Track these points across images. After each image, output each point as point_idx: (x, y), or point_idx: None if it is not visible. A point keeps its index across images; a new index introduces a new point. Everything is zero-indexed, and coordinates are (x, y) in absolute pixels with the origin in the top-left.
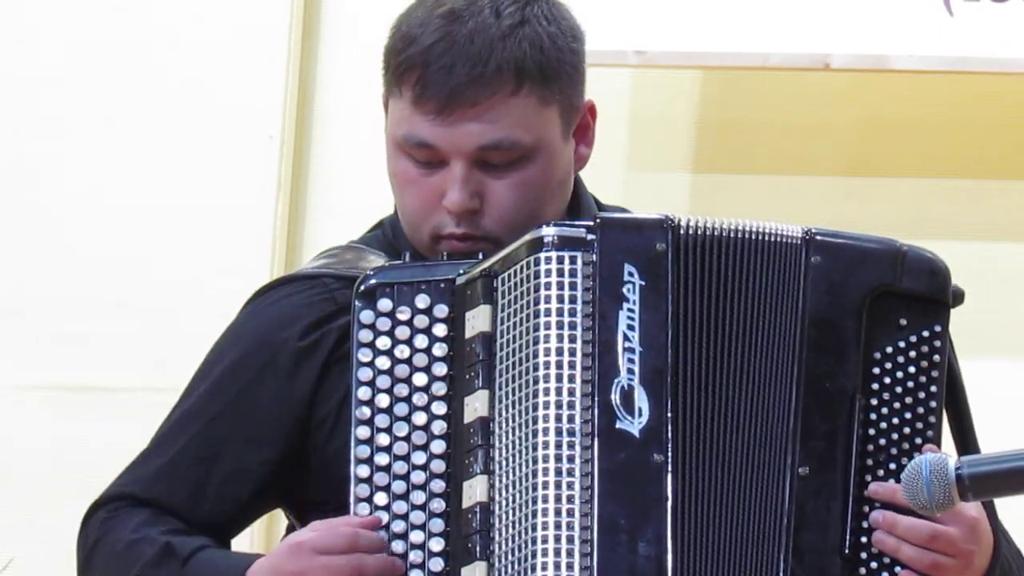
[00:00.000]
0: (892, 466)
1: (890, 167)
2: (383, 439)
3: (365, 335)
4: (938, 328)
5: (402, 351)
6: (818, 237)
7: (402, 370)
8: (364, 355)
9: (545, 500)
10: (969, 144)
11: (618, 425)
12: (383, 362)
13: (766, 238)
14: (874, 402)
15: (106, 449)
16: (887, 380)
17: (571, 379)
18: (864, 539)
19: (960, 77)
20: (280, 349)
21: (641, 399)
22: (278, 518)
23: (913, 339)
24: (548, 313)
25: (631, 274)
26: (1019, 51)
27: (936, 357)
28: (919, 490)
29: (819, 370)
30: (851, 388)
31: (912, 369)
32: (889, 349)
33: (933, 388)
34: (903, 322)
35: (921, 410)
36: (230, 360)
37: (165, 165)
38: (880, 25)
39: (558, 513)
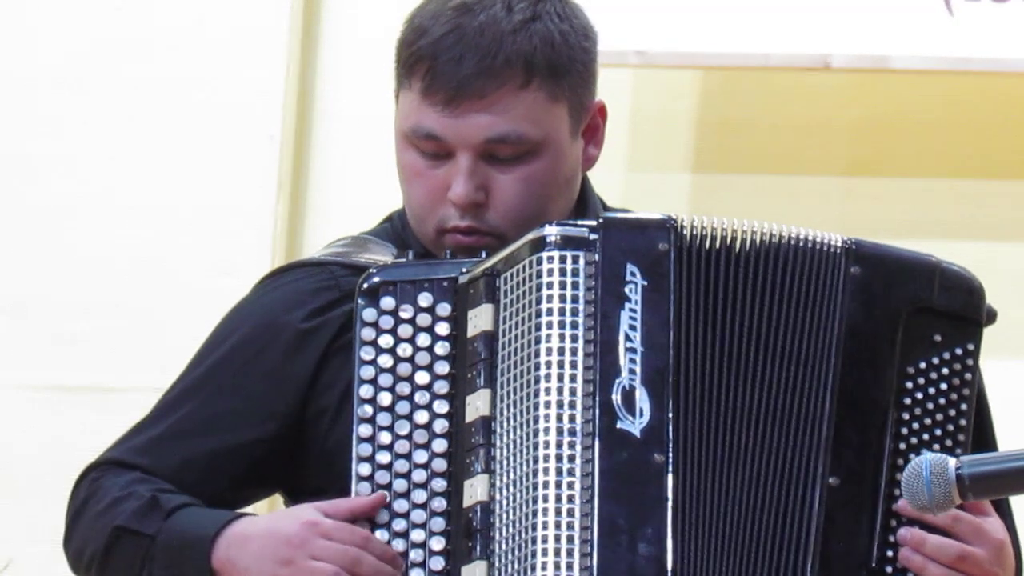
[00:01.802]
0: None
1: (890, 167)
2: (385, 437)
3: (368, 333)
4: (971, 346)
5: (404, 349)
6: (857, 247)
7: (404, 368)
8: (366, 353)
9: (546, 499)
10: (969, 144)
11: (619, 425)
12: (385, 360)
13: (801, 244)
14: (906, 416)
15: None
16: (919, 395)
17: (572, 379)
18: (890, 553)
19: (960, 77)
20: (282, 330)
21: (642, 399)
22: (279, 506)
23: (947, 356)
24: (550, 312)
25: (633, 274)
26: (1019, 51)
27: (968, 375)
28: (919, 490)
29: (854, 381)
30: (885, 402)
31: (944, 386)
32: (923, 365)
33: (964, 406)
34: (938, 338)
35: (951, 427)
36: (232, 340)
37: (165, 165)
38: (880, 25)
39: (558, 513)
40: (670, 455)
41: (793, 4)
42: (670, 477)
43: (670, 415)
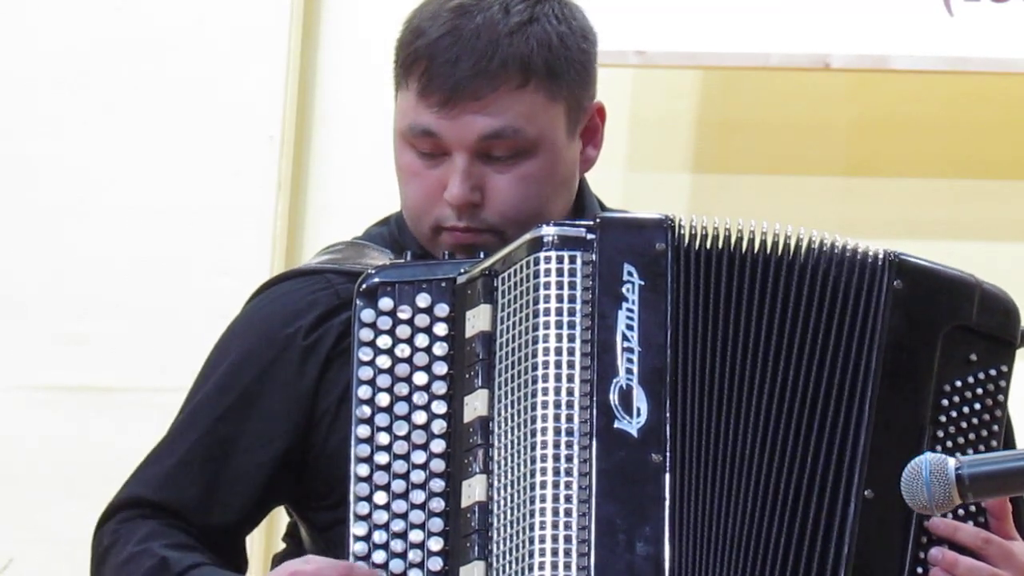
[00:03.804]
0: None
1: (890, 167)
2: (383, 438)
3: (366, 334)
4: (1004, 368)
5: (403, 350)
6: (900, 261)
7: (402, 369)
8: (365, 354)
9: (543, 500)
10: (969, 144)
11: (616, 425)
12: (383, 361)
13: (839, 252)
14: (940, 434)
15: (106, 449)
16: (953, 414)
17: (570, 379)
18: (920, 570)
19: (960, 77)
20: (286, 346)
21: (639, 399)
22: (278, 518)
23: (981, 376)
24: (547, 313)
25: (630, 274)
26: (1019, 51)
27: (1000, 397)
28: (919, 490)
29: (893, 395)
30: (922, 417)
31: (978, 406)
32: (958, 383)
33: (995, 427)
34: (973, 358)
35: (983, 448)
36: (236, 356)
37: (165, 165)
38: (880, 25)
39: (556, 513)
40: (667, 455)
41: (793, 4)
42: (668, 477)
43: (668, 415)
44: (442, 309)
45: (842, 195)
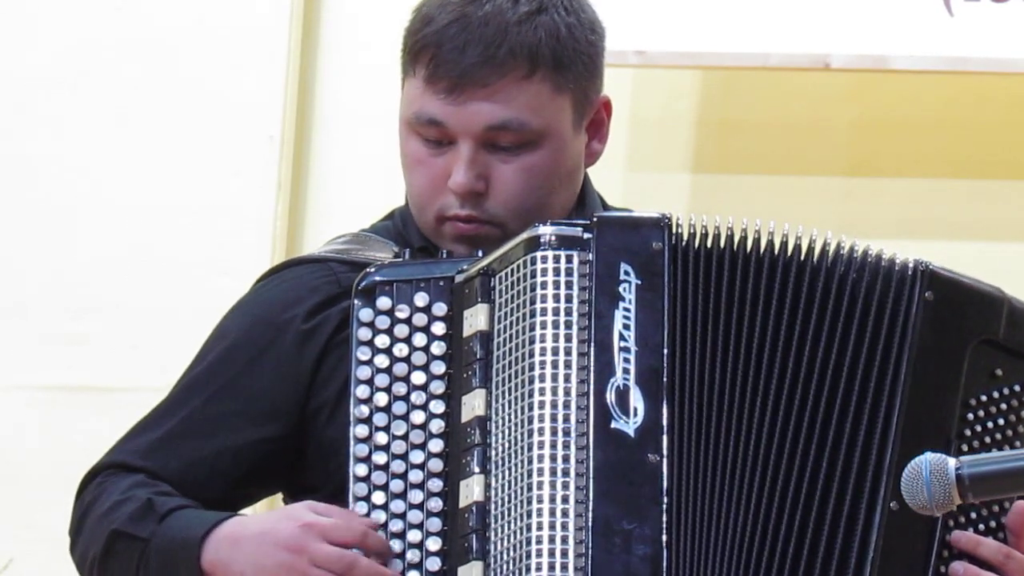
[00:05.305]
0: (973, 515)
1: (890, 167)
2: (381, 438)
3: (364, 333)
4: None
5: (401, 349)
6: (932, 273)
7: (400, 368)
8: (363, 353)
9: (540, 500)
10: (969, 144)
11: (613, 425)
12: (382, 360)
13: (860, 259)
14: (964, 448)
15: (105, 449)
16: (978, 428)
17: (567, 379)
18: None
19: (960, 77)
20: (284, 330)
21: (636, 399)
22: (279, 505)
23: (1006, 391)
24: (544, 312)
25: (627, 273)
26: (1019, 51)
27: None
28: (919, 490)
29: (920, 407)
30: (948, 430)
31: (1001, 421)
32: (984, 398)
33: (1018, 443)
34: (998, 373)
35: None
36: (234, 337)
37: (165, 165)
38: (880, 25)
39: (553, 513)
40: (665, 455)
41: (793, 4)
42: (665, 477)
43: (665, 415)
44: (440, 308)
45: (842, 195)
